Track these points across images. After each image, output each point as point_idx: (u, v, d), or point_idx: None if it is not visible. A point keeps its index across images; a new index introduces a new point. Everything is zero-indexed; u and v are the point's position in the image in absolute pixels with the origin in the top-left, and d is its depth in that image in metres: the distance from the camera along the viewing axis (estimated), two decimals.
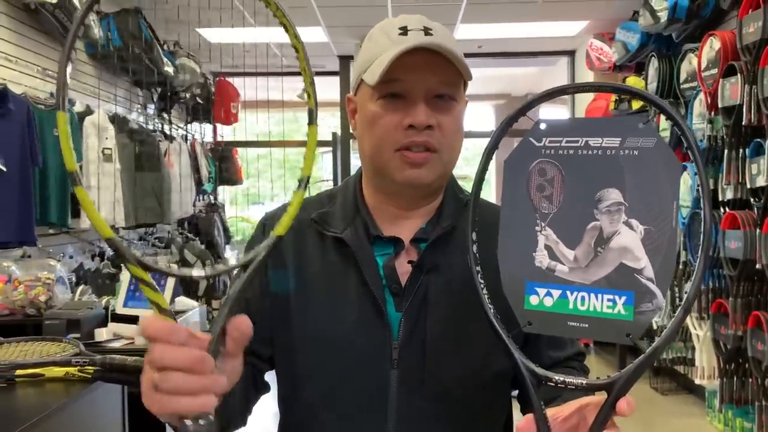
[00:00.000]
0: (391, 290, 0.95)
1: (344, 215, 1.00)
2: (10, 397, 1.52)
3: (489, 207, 1.06)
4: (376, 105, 0.93)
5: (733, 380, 3.68)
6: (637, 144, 0.69)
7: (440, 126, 0.92)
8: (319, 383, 0.95)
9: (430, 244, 0.96)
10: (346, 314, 0.95)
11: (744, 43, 3.41)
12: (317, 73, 7.42)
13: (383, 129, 0.93)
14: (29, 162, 3.26)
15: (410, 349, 0.93)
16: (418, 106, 0.91)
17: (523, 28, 5.77)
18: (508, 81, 8.83)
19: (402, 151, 0.92)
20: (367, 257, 0.96)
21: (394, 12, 5.15)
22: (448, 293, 0.95)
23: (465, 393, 0.95)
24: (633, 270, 0.68)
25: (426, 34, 0.92)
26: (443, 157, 0.94)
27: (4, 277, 2.91)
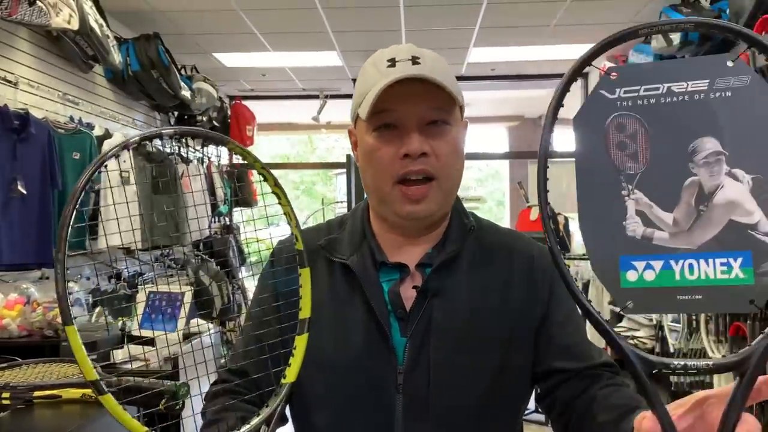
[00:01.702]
0: (396, 315, 0.96)
1: (352, 241, 1.01)
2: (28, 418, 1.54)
3: (492, 229, 1.07)
4: (372, 137, 0.95)
5: (753, 406, 3.62)
6: (729, 84, 0.60)
7: (435, 152, 0.93)
8: (327, 409, 0.97)
9: (435, 269, 0.97)
10: (352, 340, 0.96)
11: (757, 65, 3.41)
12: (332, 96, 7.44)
13: (380, 161, 0.94)
14: (49, 185, 3.32)
15: (415, 375, 0.93)
16: (412, 134, 0.92)
17: (536, 51, 5.80)
18: (521, 103, 8.86)
19: (401, 186, 0.94)
20: (373, 283, 0.97)
21: (407, 36, 5.20)
22: (453, 318, 0.95)
23: (470, 417, 0.94)
24: (746, 226, 0.59)
25: (414, 63, 0.93)
26: (442, 184, 0.95)
27: (23, 299, 2.95)
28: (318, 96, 7.05)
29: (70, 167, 3.60)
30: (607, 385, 0.93)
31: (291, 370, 0.79)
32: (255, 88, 7.10)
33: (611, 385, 0.93)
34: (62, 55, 3.91)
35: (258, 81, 6.79)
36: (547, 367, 0.98)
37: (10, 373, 1.78)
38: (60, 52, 3.88)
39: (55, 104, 3.81)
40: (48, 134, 3.37)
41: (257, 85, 6.98)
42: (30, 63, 3.65)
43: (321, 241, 1.03)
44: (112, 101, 4.64)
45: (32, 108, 3.43)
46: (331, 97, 7.06)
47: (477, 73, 6.56)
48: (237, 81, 6.74)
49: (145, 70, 4.48)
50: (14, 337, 2.83)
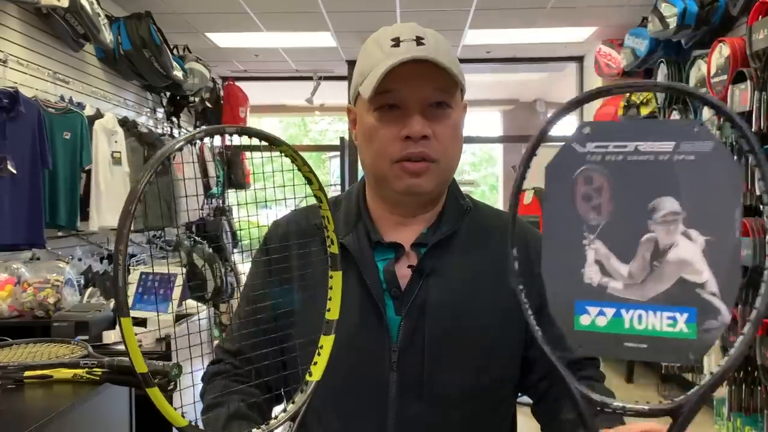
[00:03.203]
0: (391, 294, 0.97)
1: (347, 221, 1.02)
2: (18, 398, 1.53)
3: (487, 210, 1.08)
4: (373, 117, 0.95)
5: (742, 388, 3.66)
6: (693, 148, 0.63)
7: (436, 135, 0.93)
8: (321, 386, 0.96)
9: (430, 248, 0.98)
10: (346, 318, 0.95)
11: (754, 49, 3.40)
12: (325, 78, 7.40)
13: (381, 141, 0.94)
14: (39, 165, 3.28)
15: (409, 352, 0.94)
16: (414, 116, 0.92)
17: (532, 34, 5.77)
18: (516, 87, 8.83)
19: (401, 162, 0.94)
20: (368, 262, 0.98)
21: (402, 17, 5.16)
22: (448, 297, 0.96)
23: (464, 397, 0.95)
24: (694, 284, 0.63)
25: (418, 44, 0.92)
26: (441, 165, 0.95)
27: (14, 279, 2.93)
28: (311, 77, 7.00)
29: (61, 147, 3.57)
30: (582, 377, 0.96)
31: (317, 369, 0.80)
32: (248, 69, 7.04)
33: (585, 377, 0.97)
34: (52, 33, 3.86)
35: (251, 62, 6.73)
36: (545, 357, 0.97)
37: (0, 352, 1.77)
38: (50, 30, 3.83)
39: (45, 83, 3.76)
40: (38, 113, 3.33)
41: (250, 66, 6.93)
42: (19, 41, 3.60)
43: (316, 221, 1.02)
44: (104, 81, 4.59)
45: (22, 86, 3.39)
46: (325, 78, 7.01)
47: (472, 56, 6.52)
48: (230, 62, 6.68)
49: (136, 49, 4.43)
50: (4, 318, 2.82)
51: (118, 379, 1.62)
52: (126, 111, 4.85)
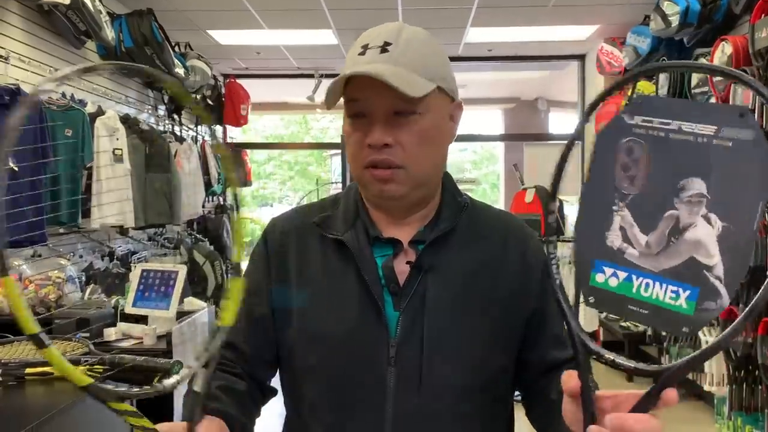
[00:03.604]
0: (389, 290, 0.98)
1: (345, 219, 1.03)
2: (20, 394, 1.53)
3: (485, 209, 1.09)
4: (347, 123, 0.97)
5: (743, 387, 3.66)
6: (734, 135, 0.64)
7: (400, 142, 0.93)
8: (319, 380, 0.98)
9: (428, 245, 0.99)
10: (345, 313, 0.97)
11: (756, 48, 3.39)
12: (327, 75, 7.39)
13: (352, 147, 0.97)
14: (40, 162, 3.28)
15: (408, 347, 0.95)
16: (375, 125, 0.93)
17: (533, 32, 5.76)
18: (518, 85, 8.82)
19: (369, 169, 0.95)
20: (366, 258, 0.99)
21: (404, 15, 5.15)
22: (446, 293, 0.97)
23: (462, 391, 0.96)
24: (703, 266, 0.65)
25: (382, 51, 0.93)
26: (409, 171, 0.95)
27: (15, 276, 2.93)
28: (313, 75, 6.99)
29: (62, 144, 3.57)
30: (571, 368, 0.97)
31: (227, 314, 0.80)
32: (249, 67, 7.03)
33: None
34: (54, 30, 3.85)
35: (252, 59, 6.72)
36: (542, 355, 1.01)
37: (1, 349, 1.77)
38: (52, 27, 3.83)
39: None
40: (39, 110, 3.33)
41: (251, 64, 6.92)
42: (21, 38, 3.60)
43: (315, 219, 1.04)
44: (105, 78, 4.58)
45: (23, 83, 3.39)
46: (326, 76, 7.00)
47: (474, 54, 6.51)
48: (231, 59, 6.67)
49: (138, 46, 4.42)
50: (6, 315, 2.82)
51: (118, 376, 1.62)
52: (127, 108, 4.85)
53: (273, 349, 1.03)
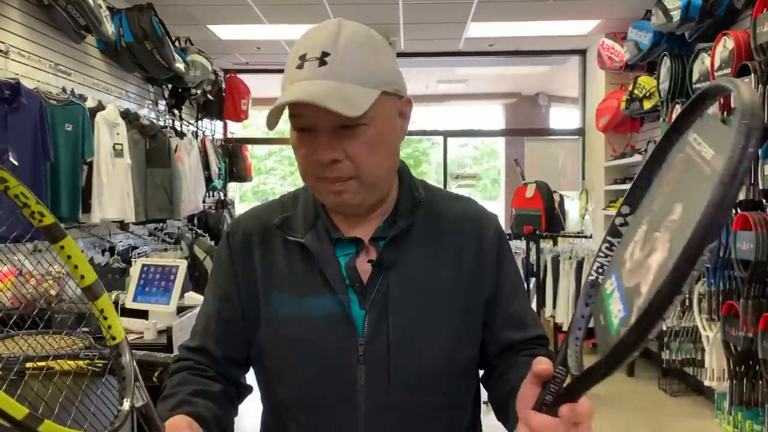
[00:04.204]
0: (354, 289, 0.98)
1: (305, 219, 1.02)
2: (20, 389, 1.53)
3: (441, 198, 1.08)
4: (294, 135, 0.94)
5: (743, 382, 3.66)
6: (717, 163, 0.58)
7: (349, 155, 0.91)
8: (291, 382, 0.99)
9: (388, 242, 0.99)
10: (312, 315, 0.98)
11: (758, 42, 3.39)
12: None
13: (301, 161, 0.95)
14: (41, 156, 3.28)
15: (375, 345, 0.96)
16: (322, 141, 0.90)
17: (535, 26, 5.75)
18: (519, 80, 8.81)
19: (322, 182, 0.94)
20: (329, 259, 0.99)
21: (404, 9, 5.14)
22: (409, 289, 0.98)
23: (432, 383, 0.98)
24: (638, 292, 0.62)
25: (321, 64, 0.88)
26: (362, 179, 0.94)
27: (15, 271, 2.93)
28: None
29: (62, 139, 3.56)
30: (528, 354, 1.00)
31: (116, 330, 0.79)
32: (250, 62, 7.02)
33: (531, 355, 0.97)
34: (54, 25, 3.85)
35: (253, 54, 6.71)
36: (495, 336, 1.03)
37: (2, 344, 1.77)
38: (51, 22, 3.82)
39: (46, 75, 3.76)
40: (39, 105, 3.33)
41: (252, 59, 6.91)
42: (21, 32, 3.59)
43: (275, 221, 1.03)
44: (105, 73, 4.58)
45: (23, 78, 3.38)
46: None
47: (475, 49, 6.50)
48: (231, 54, 6.66)
49: (138, 41, 4.42)
50: (6, 309, 2.82)
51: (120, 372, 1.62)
52: (128, 103, 4.85)
53: (244, 350, 1.03)
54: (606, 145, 6.08)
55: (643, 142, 5.31)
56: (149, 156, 4.62)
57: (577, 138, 6.83)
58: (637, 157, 5.34)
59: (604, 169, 6.09)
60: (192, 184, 5.41)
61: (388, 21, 5.49)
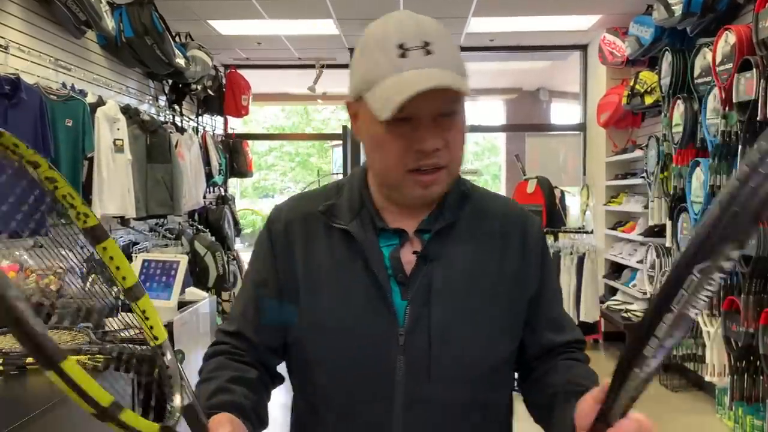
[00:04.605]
0: (396, 280, 0.98)
1: (351, 208, 1.02)
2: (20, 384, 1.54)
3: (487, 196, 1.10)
4: (381, 128, 0.92)
5: (744, 378, 3.66)
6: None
7: (447, 143, 0.93)
8: (329, 369, 0.99)
9: (434, 235, 0.99)
10: (353, 303, 0.98)
11: (760, 37, 3.37)
12: (328, 66, 7.33)
13: (392, 154, 0.93)
14: (41, 152, 3.26)
15: (416, 336, 0.96)
16: (426, 130, 0.91)
17: (536, 21, 5.73)
18: (519, 75, 8.79)
19: (413, 174, 0.94)
20: (373, 248, 0.99)
21: (405, 5, 5.13)
22: (452, 282, 0.98)
23: (471, 377, 0.98)
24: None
25: (426, 53, 0.89)
26: (451, 169, 0.97)
27: (16, 266, 2.93)
28: (314, 66, 6.97)
29: (63, 134, 3.56)
30: (568, 358, 1.03)
31: (158, 330, 0.79)
32: (250, 57, 7.01)
33: (571, 359, 1.03)
34: (54, 20, 3.84)
35: (253, 49, 6.70)
36: (537, 337, 1.04)
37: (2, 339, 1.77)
38: (51, 17, 3.81)
39: (46, 70, 3.75)
40: (40, 100, 3.32)
41: (252, 54, 6.90)
42: (21, 27, 3.58)
43: (321, 207, 1.03)
44: (105, 68, 4.57)
45: (23, 73, 3.38)
46: (328, 66, 6.98)
47: (475, 44, 6.48)
48: (232, 49, 6.65)
49: (138, 36, 4.41)
50: None
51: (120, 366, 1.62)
52: (128, 98, 4.84)
53: (281, 337, 1.03)
54: (607, 140, 6.07)
55: (644, 138, 5.29)
56: (150, 151, 4.61)
57: (578, 133, 6.81)
58: (639, 153, 5.33)
59: (605, 165, 6.09)
60: (192, 179, 5.41)
61: None
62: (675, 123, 4.38)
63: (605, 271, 6.09)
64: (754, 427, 3.59)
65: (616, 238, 5.93)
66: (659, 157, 4.70)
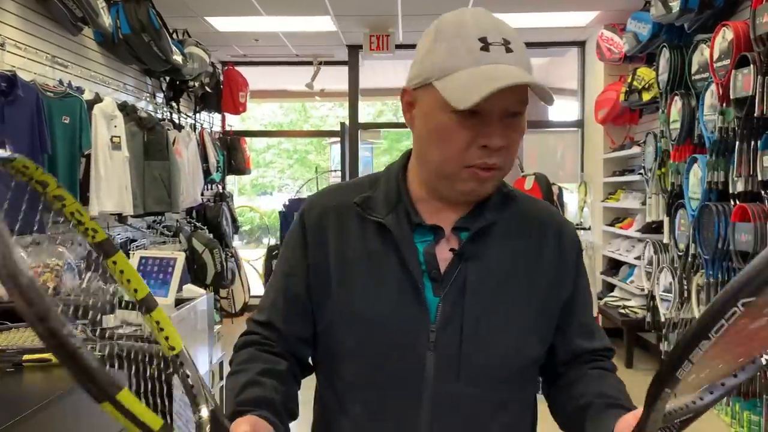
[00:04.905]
0: (430, 275, 0.98)
1: (387, 201, 1.02)
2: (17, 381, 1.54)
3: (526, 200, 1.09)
4: (449, 117, 0.92)
5: None
6: None
7: (509, 145, 0.94)
8: (358, 361, 0.99)
9: (473, 234, 0.99)
10: (385, 296, 0.97)
11: (757, 33, 3.37)
12: (326, 62, 7.34)
13: (456, 145, 0.92)
14: (38, 149, 3.27)
15: (447, 333, 0.96)
16: (495, 126, 0.92)
17: (533, 18, 5.72)
18: None
19: (472, 168, 0.94)
20: (408, 243, 0.98)
21: (403, 1, 5.12)
22: (487, 282, 0.98)
23: (499, 377, 0.98)
24: None
25: (507, 50, 0.91)
26: (504, 170, 0.98)
27: None
28: (312, 62, 6.96)
29: (60, 131, 3.55)
30: (597, 367, 1.03)
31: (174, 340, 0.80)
32: (247, 54, 7.00)
33: (600, 368, 1.03)
34: (50, 17, 3.83)
35: (250, 46, 6.69)
36: (568, 342, 1.04)
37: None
38: (48, 14, 3.80)
39: (43, 67, 3.74)
40: (36, 97, 3.31)
41: (250, 51, 6.88)
42: (17, 24, 3.57)
43: (357, 199, 1.03)
44: (102, 65, 4.56)
45: (20, 70, 3.37)
46: (326, 63, 6.97)
47: None
48: (229, 46, 6.64)
49: (135, 33, 4.39)
50: (4, 302, 2.82)
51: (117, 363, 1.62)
52: (125, 95, 4.83)
53: (310, 327, 1.03)
54: (605, 137, 6.07)
55: (642, 134, 5.29)
56: (147, 149, 4.61)
57: (575, 130, 6.81)
58: (636, 149, 5.33)
59: (603, 161, 6.09)
60: (190, 176, 5.40)
61: (386, 12, 5.47)
62: (672, 119, 4.38)
63: (603, 268, 6.10)
64: (751, 422, 3.60)
65: (614, 235, 5.94)
66: (657, 153, 4.70)
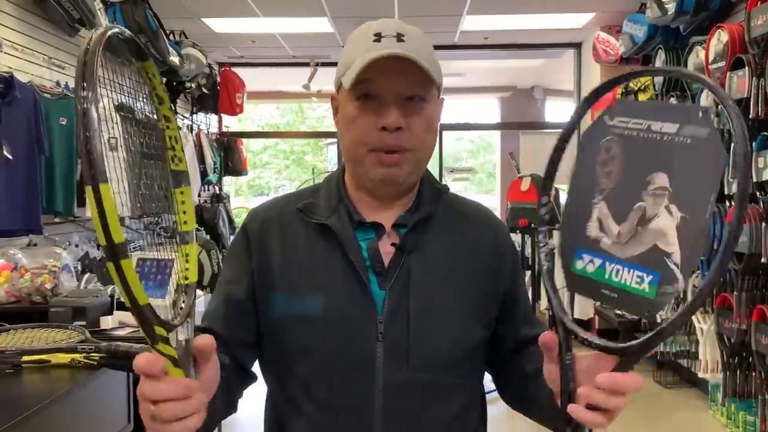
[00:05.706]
0: (374, 270, 1.03)
1: (328, 205, 1.08)
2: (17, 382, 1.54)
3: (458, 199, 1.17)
4: (352, 106, 1.01)
5: (737, 374, 3.69)
6: (692, 132, 0.71)
7: (410, 127, 1.00)
8: (311, 360, 1.02)
9: (411, 227, 1.05)
10: (333, 294, 1.02)
11: (752, 35, 3.39)
12: (322, 64, 7.33)
13: (359, 130, 1.01)
14: (36, 150, 3.27)
15: (394, 324, 1.00)
16: (390, 108, 0.98)
17: (530, 19, 5.74)
18: (514, 73, 8.80)
19: (377, 152, 1.00)
20: (351, 240, 1.04)
21: (399, 3, 5.13)
22: (429, 272, 1.04)
23: (447, 362, 1.03)
24: (663, 253, 0.72)
25: (398, 41, 0.98)
26: (416, 155, 1.03)
27: (11, 265, 2.93)
28: (308, 64, 6.96)
29: (57, 132, 3.55)
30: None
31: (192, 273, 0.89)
32: (244, 55, 7.00)
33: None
34: (48, 18, 3.82)
35: (247, 48, 6.69)
36: (515, 331, 1.11)
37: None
38: (45, 15, 3.80)
39: (40, 68, 3.74)
40: (34, 98, 3.31)
41: (247, 52, 6.89)
42: (14, 25, 3.57)
43: (299, 205, 1.08)
44: (99, 66, 4.55)
45: (17, 72, 3.37)
46: (322, 64, 6.98)
47: (470, 42, 6.49)
48: (226, 47, 6.64)
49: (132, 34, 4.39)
50: (2, 303, 2.82)
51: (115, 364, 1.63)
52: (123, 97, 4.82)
53: (253, 333, 1.06)
54: None
55: None
56: (144, 150, 4.60)
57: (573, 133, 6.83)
58: None
59: None
60: None
61: (382, 13, 5.47)
62: None
63: None
64: (747, 422, 3.62)
65: None
66: None
